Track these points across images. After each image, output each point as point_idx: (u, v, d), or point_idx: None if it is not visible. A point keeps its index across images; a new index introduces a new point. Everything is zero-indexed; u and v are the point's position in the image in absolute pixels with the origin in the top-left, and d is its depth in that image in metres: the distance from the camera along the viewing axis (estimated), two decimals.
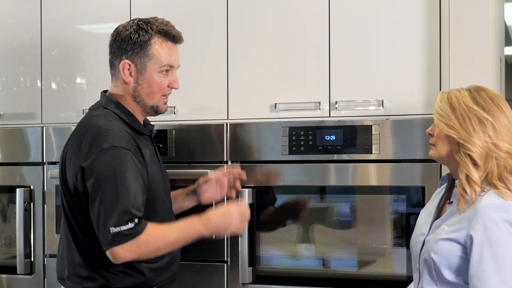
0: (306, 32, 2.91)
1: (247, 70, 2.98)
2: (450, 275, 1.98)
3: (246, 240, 2.81)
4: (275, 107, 2.91)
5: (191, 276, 2.94)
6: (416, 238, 2.17)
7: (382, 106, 2.79)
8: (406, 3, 2.78)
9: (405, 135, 2.71)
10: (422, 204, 2.63)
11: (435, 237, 2.03)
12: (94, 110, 2.42)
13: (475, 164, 1.99)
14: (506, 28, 7.11)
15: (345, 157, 2.78)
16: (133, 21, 2.41)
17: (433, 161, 2.62)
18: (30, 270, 3.21)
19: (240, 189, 2.69)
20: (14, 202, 3.20)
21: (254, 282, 2.85)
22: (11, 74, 3.39)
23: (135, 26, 2.38)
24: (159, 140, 2.96)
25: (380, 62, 2.83)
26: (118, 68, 2.39)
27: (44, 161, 3.20)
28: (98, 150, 2.24)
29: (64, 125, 3.21)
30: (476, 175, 1.98)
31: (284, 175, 2.84)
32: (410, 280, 2.35)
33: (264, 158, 2.87)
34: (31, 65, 3.34)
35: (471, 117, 2.00)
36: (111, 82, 2.45)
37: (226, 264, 2.90)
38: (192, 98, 3.05)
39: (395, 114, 2.77)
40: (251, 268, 2.84)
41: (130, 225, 2.17)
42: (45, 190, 3.19)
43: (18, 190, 3.18)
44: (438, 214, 2.14)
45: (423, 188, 2.65)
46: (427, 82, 2.74)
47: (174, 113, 3.05)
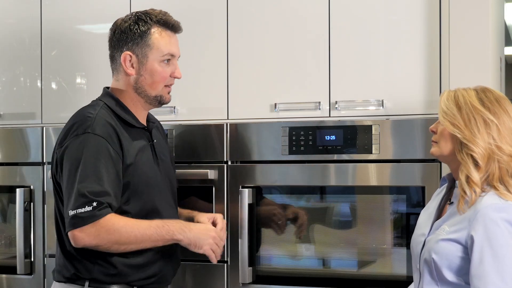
0: (306, 32, 2.91)
1: (247, 70, 2.98)
2: (450, 276, 1.98)
3: (246, 240, 2.81)
4: (275, 107, 2.91)
5: (191, 276, 2.94)
6: (416, 238, 2.17)
7: (382, 106, 2.79)
8: (406, 3, 2.78)
9: (405, 135, 2.71)
10: (422, 204, 2.63)
11: (436, 237, 2.03)
12: (91, 102, 2.46)
13: (477, 165, 1.99)
14: (506, 28, 7.11)
15: (345, 157, 2.78)
16: (131, 13, 2.43)
17: (433, 161, 2.62)
18: (30, 270, 3.21)
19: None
20: (14, 202, 3.20)
21: (254, 282, 2.85)
22: (11, 74, 3.39)
23: (134, 18, 2.40)
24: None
25: (380, 62, 2.83)
26: (119, 60, 2.39)
27: (44, 161, 3.20)
28: (72, 136, 2.28)
29: (64, 125, 3.20)
30: (476, 176, 1.98)
31: (284, 175, 2.84)
32: (410, 280, 2.35)
33: (264, 158, 2.87)
34: (31, 65, 3.34)
35: (477, 117, 2.00)
36: (112, 77, 2.46)
37: (226, 264, 2.90)
38: (192, 98, 3.05)
39: (395, 114, 2.77)
40: (251, 268, 2.84)
41: (87, 208, 2.18)
42: (45, 190, 3.19)
43: (18, 190, 3.18)
44: (438, 214, 2.14)
45: (423, 188, 2.65)
46: (427, 82, 2.74)
47: (174, 113, 3.04)
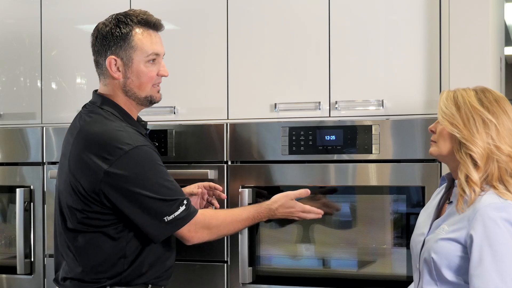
0: (306, 32, 2.91)
1: (247, 70, 2.98)
2: (450, 275, 1.98)
3: (246, 240, 2.81)
4: (275, 107, 2.91)
5: (191, 276, 2.93)
6: (416, 238, 2.17)
7: (382, 106, 2.79)
8: (406, 3, 2.78)
9: (405, 135, 2.71)
10: (422, 204, 2.63)
11: (435, 237, 2.03)
12: (91, 112, 2.37)
13: (476, 164, 1.99)
14: (506, 28, 7.11)
15: (345, 157, 2.78)
16: (111, 16, 2.40)
17: (433, 161, 2.62)
18: (30, 270, 3.21)
19: (217, 205, 2.73)
20: (14, 202, 3.20)
21: (254, 282, 2.85)
22: (11, 74, 3.39)
23: (114, 21, 2.37)
24: (159, 140, 2.96)
25: (380, 62, 2.83)
26: (105, 65, 2.37)
27: (44, 161, 3.20)
28: (119, 153, 2.23)
29: (64, 125, 3.20)
30: (475, 176, 1.98)
31: (284, 175, 2.84)
32: (410, 280, 2.35)
33: (264, 158, 2.87)
34: (31, 65, 3.34)
35: (476, 117, 2.01)
36: (100, 82, 2.43)
37: (226, 264, 2.90)
38: (192, 98, 3.05)
39: (395, 114, 2.77)
40: (251, 268, 2.84)
41: (181, 208, 2.26)
42: (45, 190, 3.19)
43: (18, 190, 3.18)
44: (438, 214, 2.14)
45: (423, 188, 2.65)
46: (427, 82, 2.74)
47: (174, 113, 3.04)
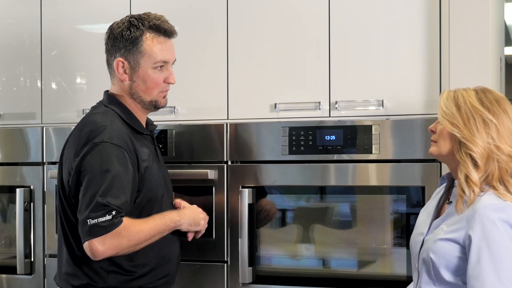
0: (306, 32, 2.91)
1: (247, 70, 2.98)
2: (448, 276, 1.98)
3: (246, 240, 2.81)
4: (275, 107, 2.91)
5: (191, 276, 2.93)
6: (415, 237, 2.17)
7: (382, 106, 2.79)
8: (406, 3, 2.78)
9: (405, 135, 2.71)
10: (422, 204, 2.63)
11: (434, 237, 2.03)
12: (95, 108, 2.43)
13: (476, 164, 1.99)
14: (506, 28, 7.11)
15: (345, 157, 2.78)
16: (126, 17, 2.41)
17: (433, 161, 2.62)
18: (30, 270, 3.21)
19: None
20: (14, 202, 3.20)
21: (254, 282, 2.85)
22: (11, 74, 3.39)
23: (127, 23, 2.38)
24: (159, 140, 2.95)
25: (380, 62, 2.83)
26: (113, 66, 2.39)
27: (44, 161, 3.20)
28: (89, 146, 2.24)
29: (64, 125, 3.20)
30: (475, 176, 1.98)
31: (284, 175, 2.84)
32: (410, 280, 2.35)
33: (264, 158, 2.87)
34: (31, 65, 3.34)
35: (476, 117, 2.01)
36: (110, 81, 2.46)
37: (226, 264, 2.90)
38: (192, 98, 3.05)
39: (395, 114, 2.77)
40: (251, 268, 2.84)
41: (107, 217, 2.16)
42: (45, 190, 3.19)
43: (18, 190, 3.18)
44: (437, 213, 2.14)
45: (423, 188, 2.65)
46: (427, 82, 2.74)
47: (174, 113, 3.04)
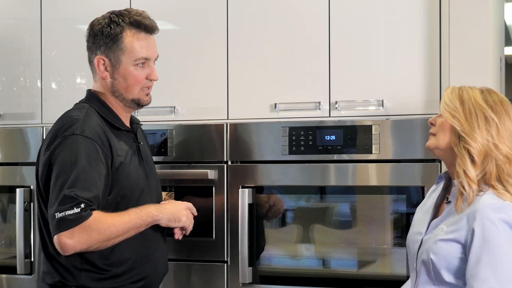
0: (306, 32, 2.91)
1: (247, 70, 2.98)
2: (449, 277, 1.97)
3: (246, 240, 2.81)
4: (275, 107, 2.91)
5: (191, 276, 2.93)
6: (413, 236, 2.15)
7: (382, 106, 2.79)
8: (406, 3, 2.78)
9: (405, 135, 2.71)
10: None
11: (434, 237, 2.02)
12: (75, 105, 2.40)
13: (473, 160, 1.98)
14: (506, 28, 7.10)
15: (345, 157, 2.78)
16: (107, 13, 2.37)
17: (433, 161, 2.62)
18: (30, 270, 3.20)
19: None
20: (14, 202, 3.20)
21: (254, 282, 2.85)
22: (11, 74, 3.39)
23: (107, 20, 2.34)
24: (159, 140, 2.95)
25: (380, 62, 2.83)
26: (95, 64, 2.36)
27: None
28: (60, 139, 2.21)
29: None
30: (472, 172, 1.97)
31: (284, 175, 2.84)
32: None
33: (264, 158, 2.87)
34: (31, 65, 3.34)
35: (478, 113, 2.01)
36: (93, 78, 2.42)
37: (226, 264, 2.90)
38: (192, 98, 3.05)
39: (395, 114, 2.77)
40: (251, 268, 2.84)
41: (75, 209, 2.10)
42: None
43: (18, 190, 3.18)
44: (435, 213, 2.13)
45: (423, 188, 2.65)
46: (427, 82, 2.74)
47: (174, 113, 3.04)
